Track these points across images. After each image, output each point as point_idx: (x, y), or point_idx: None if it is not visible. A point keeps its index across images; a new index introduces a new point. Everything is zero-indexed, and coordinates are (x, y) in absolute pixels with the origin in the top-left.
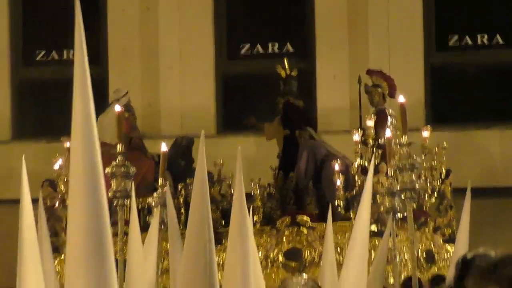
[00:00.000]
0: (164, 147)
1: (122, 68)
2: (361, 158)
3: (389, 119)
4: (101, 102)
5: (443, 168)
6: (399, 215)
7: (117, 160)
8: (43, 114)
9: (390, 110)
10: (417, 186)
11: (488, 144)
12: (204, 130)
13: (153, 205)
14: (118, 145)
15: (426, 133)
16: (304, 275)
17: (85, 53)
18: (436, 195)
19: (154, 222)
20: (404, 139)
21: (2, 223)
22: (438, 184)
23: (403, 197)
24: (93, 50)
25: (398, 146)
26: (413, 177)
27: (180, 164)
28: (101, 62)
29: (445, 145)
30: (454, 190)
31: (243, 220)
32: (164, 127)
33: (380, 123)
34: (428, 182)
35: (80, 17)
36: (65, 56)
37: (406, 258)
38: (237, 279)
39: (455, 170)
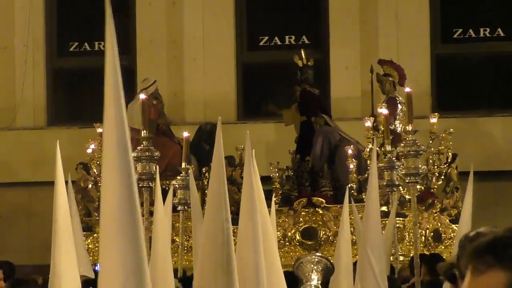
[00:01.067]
0: (186, 134)
1: (149, 59)
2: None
3: (399, 106)
4: (130, 90)
5: (449, 153)
6: (406, 196)
7: (142, 145)
8: (76, 102)
9: (400, 98)
10: (420, 170)
11: (492, 130)
12: (226, 117)
13: (177, 187)
14: (143, 131)
15: (434, 120)
16: (317, 253)
17: (115, 44)
18: (443, 178)
19: (168, 201)
20: (409, 127)
21: (38, 204)
22: (445, 167)
23: (407, 181)
24: (122, 41)
25: (404, 134)
26: (418, 162)
27: (205, 148)
28: (130, 52)
29: (451, 130)
30: (461, 173)
31: (252, 200)
32: (188, 114)
33: (391, 110)
34: (435, 165)
35: (110, 11)
36: (96, 47)
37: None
38: (249, 258)
39: (461, 155)
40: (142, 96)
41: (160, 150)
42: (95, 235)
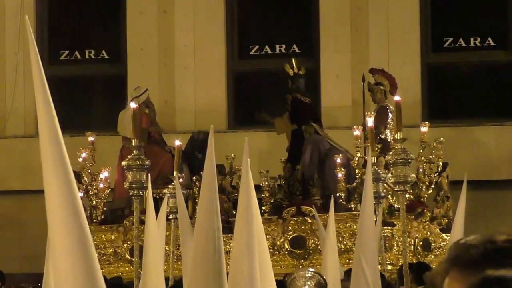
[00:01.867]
0: (178, 142)
1: (140, 67)
2: (364, 152)
3: (390, 115)
4: (120, 99)
5: (440, 162)
6: (395, 205)
7: (132, 154)
8: (67, 110)
9: (391, 106)
10: (409, 179)
11: (482, 139)
12: (217, 126)
13: (168, 196)
14: (133, 139)
15: (424, 129)
16: (310, 269)
17: (36, 52)
18: (433, 187)
19: (162, 210)
20: (398, 135)
21: (28, 212)
22: (435, 176)
23: (396, 189)
24: (113, 49)
25: (393, 142)
26: (407, 171)
27: (197, 157)
28: (121, 61)
29: (441, 139)
30: (451, 182)
31: (249, 209)
32: (179, 123)
33: (381, 119)
34: (425, 174)
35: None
36: (86, 56)
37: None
38: (244, 267)
39: (451, 164)
40: (132, 105)
41: (151, 158)
42: None
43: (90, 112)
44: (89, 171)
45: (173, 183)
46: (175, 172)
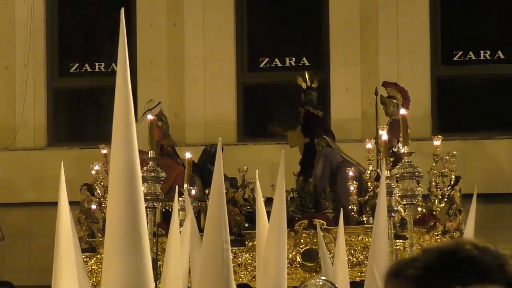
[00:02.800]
0: (188, 155)
1: (149, 79)
2: (377, 165)
3: None
4: None
5: (452, 175)
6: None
7: (148, 165)
8: (76, 122)
9: None
10: (416, 192)
11: (493, 152)
12: (226, 138)
13: (178, 208)
14: (149, 151)
15: (437, 142)
16: (322, 277)
17: (127, 65)
18: (445, 200)
19: (186, 225)
20: (405, 149)
21: (38, 224)
22: (448, 190)
23: (404, 203)
24: None
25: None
26: (414, 184)
27: (210, 169)
28: (130, 73)
29: (454, 153)
30: (464, 196)
31: (281, 221)
32: (189, 135)
33: (394, 132)
34: (438, 187)
35: (124, 33)
36: (96, 68)
37: None
38: (271, 277)
39: (463, 177)
40: (149, 117)
41: (164, 171)
42: (98, 256)
43: (100, 124)
44: (102, 183)
45: (183, 196)
46: (185, 185)
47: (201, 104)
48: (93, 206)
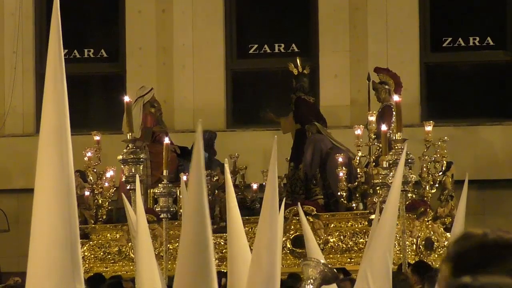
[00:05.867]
0: (166, 140)
1: (138, 66)
2: (369, 152)
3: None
4: (119, 97)
5: (444, 161)
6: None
7: (127, 148)
8: None
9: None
10: (409, 179)
11: (481, 138)
12: (215, 125)
13: (159, 195)
14: (127, 133)
15: (429, 128)
16: (322, 260)
17: (61, 48)
18: (437, 186)
19: (139, 208)
20: (398, 136)
21: (24, 211)
22: (439, 175)
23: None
24: (111, 48)
25: (393, 142)
26: (406, 171)
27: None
28: (119, 60)
29: (446, 138)
30: (455, 182)
31: (273, 208)
32: (178, 122)
33: (386, 117)
34: (429, 173)
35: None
36: (85, 55)
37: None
38: (263, 267)
39: (455, 163)
40: (126, 98)
41: (156, 158)
42: (91, 242)
43: (88, 110)
44: (95, 170)
45: (163, 182)
46: (164, 171)
47: (190, 91)
48: (87, 193)
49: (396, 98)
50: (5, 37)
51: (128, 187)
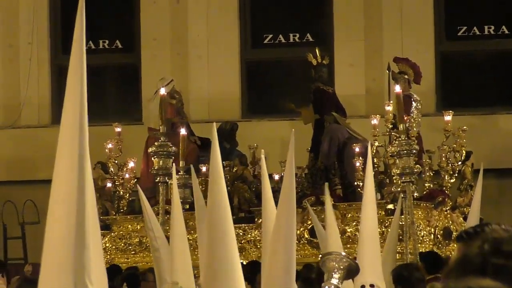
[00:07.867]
0: (183, 131)
1: (153, 57)
2: (389, 141)
3: (414, 104)
4: (134, 88)
5: (463, 150)
6: (415, 194)
7: (159, 141)
8: None
9: (415, 95)
10: (415, 170)
11: (497, 127)
12: (230, 115)
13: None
14: (160, 127)
15: (448, 117)
16: (342, 253)
17: (83, 42)
18: (456, 176)
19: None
20: (401, 127)
21: (44, 201)
22: (459, 165)
23: (402, 181)
24: (126, 39)
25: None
26: (411, 161)
27: (226, 147)
28: (134, 51)
29: (465, 128)
30: (476, 171)
31: (290, 199)
32: (193, 112)
33: (405, 108)
34: (449, 163)
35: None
36: (100, 46)
37: (422, 234)
38: (280, 257)
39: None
40: (162, 91)
41: (176, 148)
42: (112, 234)
43: (103, 101)
44: (116, 161)
45: (180, 173)
46: (181, 162)
47: (205, 81)
48: (108, 184)
49: (397, 89)
50: (20, 28)
51: (157, 180)
